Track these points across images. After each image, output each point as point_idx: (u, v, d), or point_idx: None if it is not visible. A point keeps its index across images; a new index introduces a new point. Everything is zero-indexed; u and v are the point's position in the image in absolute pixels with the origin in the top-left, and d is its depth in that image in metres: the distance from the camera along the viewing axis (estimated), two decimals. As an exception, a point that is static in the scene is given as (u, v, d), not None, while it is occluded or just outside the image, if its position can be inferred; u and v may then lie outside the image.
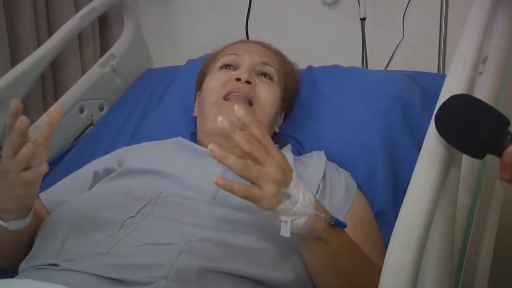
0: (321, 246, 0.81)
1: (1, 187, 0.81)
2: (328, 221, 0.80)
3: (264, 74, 1.15)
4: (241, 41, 1.25)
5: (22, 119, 0.75)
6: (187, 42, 1.88)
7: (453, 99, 0.70)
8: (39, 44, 1.46)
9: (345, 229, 0.95)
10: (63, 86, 1.58)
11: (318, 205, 0.81)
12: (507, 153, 0.67)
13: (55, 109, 0.80)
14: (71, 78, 1.58)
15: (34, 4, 1.51)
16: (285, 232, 0.76)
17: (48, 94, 1.58)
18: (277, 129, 1.20)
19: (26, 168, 0.78)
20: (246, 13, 1.68)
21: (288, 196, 0.76)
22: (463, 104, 0.70)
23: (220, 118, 0.74)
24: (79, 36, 1.61)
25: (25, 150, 0.75)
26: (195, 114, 1.21)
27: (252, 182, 0.75)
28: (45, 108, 1.50)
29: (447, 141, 0.69)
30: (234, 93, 1.08)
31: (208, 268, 0.80)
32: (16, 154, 0.77)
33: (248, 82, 1.09)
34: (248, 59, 1.14)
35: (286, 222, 0.76)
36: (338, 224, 0.82)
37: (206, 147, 1.09)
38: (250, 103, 1.09)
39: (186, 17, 1.89)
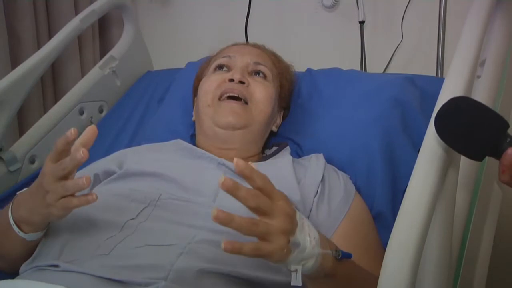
0: (329, 281, 0.79)
1: (37, 203, 0.80)
2: (335, 255, 0.77)
3: (258, 73, 1.16)
4: (234, 44, 1.26)
5: (84, 153, 0.74)
6: (186, 44, 1.89)
7: (453, 101, 0.70)
8: (39, 46, 1.46)
9: (340, 237, 0.96)
10: (63, 88, 1.58)
11: (323, 239, 0.77)
12: (506, 155, 0.67)
13: (91, 129, 0.79)
14: (71, 80, 1.58)
15: (34, 7, 1.52)
16: (297, 281, 0.72)
17: (48, 96, 1.58)
18: (274, 128, 1.21)
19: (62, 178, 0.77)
20: (246, 16, 1.68)
21: (298, 245, 0.72)
22: (463, 106, 0.70)
23: (221, 179, 0.67)
24: (79, 38, 1.62)
25: (81, 182, 0.75)
26: (193, 119, 1.22)
27: (260, 238, 0.70)
28: (45, 110, 1.50)
29: (446, 143, 0.69)
30: (228, 93, 1.09)
31: (208, 270, 0.80)
32: (62, 179, 0.77)
33: (241, 82, 1.10)
34: (240, 60, 1.15)
35: (296, 271, 0.72)
36: (345, 257, 0.79)
37: (205, 150, 1.11)
38: (245, 102, 1.10)
39: (186, 20, 1.90)
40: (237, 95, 1.09)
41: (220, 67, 1.17)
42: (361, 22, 1.63)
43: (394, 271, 0.60)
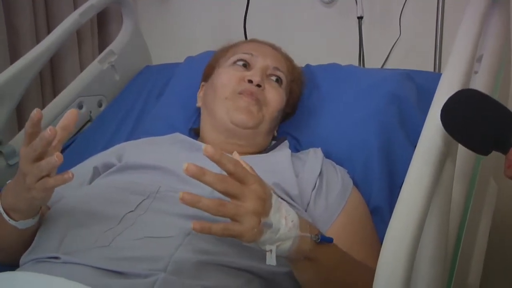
0: (311, 264, 0.80)
1: (19, 188, 0.81)
2: (314, 239, 0.78)
3: (275, 78, 1.16)
4: (254, 41, 1.26)
5: (51, 130, 0.73)
6: (185, 39, 1.89)
7: (460, 93, 0.69)
8: (38, 40, 1.47)
9: (337, 230, 0.96)
10: (62, 82, 1.58)
11: (303, 223, 0.78)
12: None
13: (70, 113, 0.79)
14: (70, 74, 1.58)
15: (33, 1, 1.52)
16: (271, 260, 0.74)
17: (47, 90, 1.59)
18: (275, 133, 1.21)
19: (36, 159, 0.77)
20: (244, 11, 1.68)
21: (269, 226, 0.73)
22: (470, 99, 0.68)
23: (185, 166, 0.69)
24: (78, 33, 1.62)
25: (54, 160, 0.74)
26: (198, 104, 1.22)
27: (231, 219, 0.72)
28: (44, 104, 1.51)
29: (452, 135, 0.68)
30: (245, 94, 1.10)
31: (206, 261, 0.81)
32: (37, 160, 0.76)
33: (258, 85, 1.11)
34: (261, 61, 1.16)
35: (271, 251, 0.74)
36: (324, 240, 0.80)
37: (207, 140, 1.12)
38: (259, 104, 1.10)
39: (185, 14, 1.90)
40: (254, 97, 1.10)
41: (240, 62, 1.16)
42: (360, 18, 1.63)
43: (390, 264, 0.60)
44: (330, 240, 0.81)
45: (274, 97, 1.13)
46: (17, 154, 1.29)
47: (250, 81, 1.11)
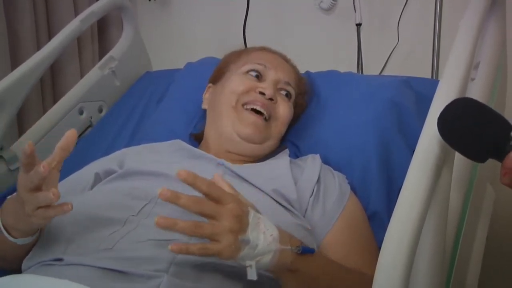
0: (293, 276, 0.81)
1: (18, 209, 0.80)
2: (295, 251, 0.79)
3: (285, 93, 1.17)
4: (266, 49, 1.26)
5: (45, 167, 0.73)
6: (185, 45, 1.90)
7: (457, 102, 0.70)
8: (39, 47, 1.47)
9: (334, 236, 0.97)
10: (63, 88, 1.59)
11: (284, 235, 0.79)
12: (508, 158, 0.67)
13: (70, 134, 0.79)
14: (71, 80, 1.59)
15: (34, 8, 1.53)
16: (252, 275, 0.75)
17: (48, 96, 1.59)
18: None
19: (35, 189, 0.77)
20: (244, 18, 1.70)
21: (247, 242, 0.74)
22: (467, 108, 0.69)
23: (159, 190, 0.72)
24: (79, 39, 1.62)
25: (50, 197, 0.74)
26: (204, 106, 1.23)
27: (209, 239, 0.73)
28: (44, 110, 1.51)
29: (448, 142, 0.69)
30: (254, 106, 1.10)
31: (208, 263, 0.81)
32: (35, 190, 0.76)
33: (271, 99, 1.11)
34: (274, 74, 1.16)
35: (251, 266, 0.75)
36: (306, 251, 0.81)
37: (210, 146, 1.12)
38: (266, 119, 1.11)
39: (185, 21, 1.91)
40: (262, 110, 1.10)
41: (253, 72, 1.16)
42: (358, 25, 1.64)
43: (388, 269, 0.61)
44: (311, 251, 0.82)
45: (285, 111, 1.14)
46: (18, 159, 1.29)
47: (262, 93, 1.11)
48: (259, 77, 1.16)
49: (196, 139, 1.23)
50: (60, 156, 0.78)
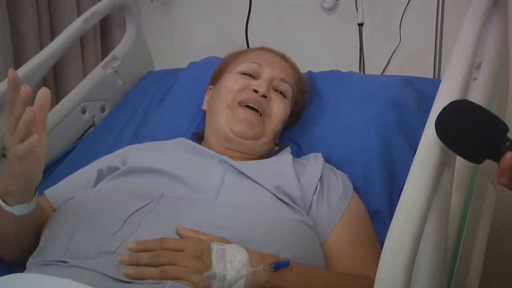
0: None
1: (8, 170, 0.81)
2: (268, 269, 0.81)
3: (280, 90, 1.17)
4: (264, 49, 1.26)
5: (26, 88, 0.74)
6: (188, 45, 1.91)
7: (454, 104, 0.71)
8: (42, 46, 1.48)
9: (339, 233, 0.97)
10: (65, 87, 1.60)
11: (254, 256, 0.81)
12: (505, 159, 0.67)
13: (42, 93, 0.78)
14: (73, 79, 1.59)
15: (37, 8, 1.53)
16: None
17: (51, 95, 1.59)
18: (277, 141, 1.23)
19: (22, 141, 0.77)
20: (246, 18, 1.70)
21: (213, 276, 0.78)
22: (463, 110, 0.70)
23: (124, 271, 0.77)
24: (81, 39, 1.63)
25: (25, 116, 0.75)
26: (204, 107, 1.23)
27: (177, 281, 0.77)
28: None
29: (446, 144, 0.70)
30: (248, 103, 1.11)
31: None
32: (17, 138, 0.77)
33: (264, 96, 1.12)
34: (269, 72, 1.16)
35: None
36: (279, 267, 0.82)
37: (210, 144, 1.13)
38: (260, 114, 1.12)
39: (187, 20, 1.91)
40: (255, 107, 1.11)
41: (248, 71, 1.17)
42: (360, 25, 1.64)
43: (389, 269, 0.61)
44: (286, 264, 0.83)
45: (279, 108, 1.15)
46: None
47: (255, 91, 1.12)
48: (253, 75, 1.17)
49: (199, 138, 1.24)
50: (41, 116, 0.77)
